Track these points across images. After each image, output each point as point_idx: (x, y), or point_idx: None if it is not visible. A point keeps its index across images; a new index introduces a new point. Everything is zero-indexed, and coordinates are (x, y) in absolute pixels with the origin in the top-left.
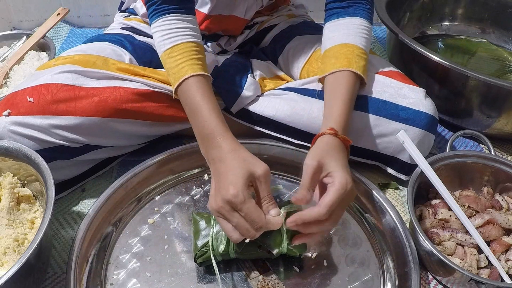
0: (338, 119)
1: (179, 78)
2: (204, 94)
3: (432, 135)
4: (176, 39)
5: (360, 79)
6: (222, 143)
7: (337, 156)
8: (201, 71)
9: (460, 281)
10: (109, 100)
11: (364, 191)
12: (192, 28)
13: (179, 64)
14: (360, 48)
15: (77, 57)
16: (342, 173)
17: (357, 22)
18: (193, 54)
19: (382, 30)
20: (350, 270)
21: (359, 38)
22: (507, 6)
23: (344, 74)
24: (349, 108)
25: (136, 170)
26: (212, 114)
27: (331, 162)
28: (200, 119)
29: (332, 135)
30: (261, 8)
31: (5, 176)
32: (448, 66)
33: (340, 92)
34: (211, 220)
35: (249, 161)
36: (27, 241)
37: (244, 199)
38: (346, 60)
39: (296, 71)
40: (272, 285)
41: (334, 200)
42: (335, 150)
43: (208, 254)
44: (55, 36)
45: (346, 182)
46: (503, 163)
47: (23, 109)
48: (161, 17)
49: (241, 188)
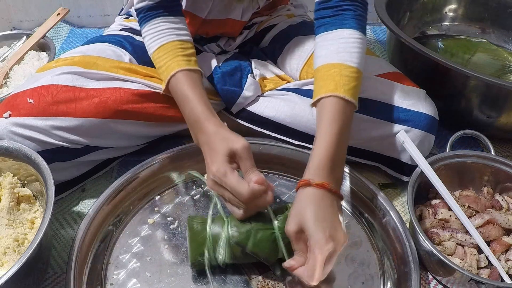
0: (316, 163)
1: (168, 75)
2: (190, 85)
3: (432, 136)
4: (162, 40)
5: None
6: (207, 126)
7: (312, 210)
8: (187, 66)
9: (460, 281)
10: (109, 101)
11: (364, 191)
12: (178, 27)
13: (166, 62)
14: (350, 67)
15: (77, 59)
16: (316, 233)
17: (346, 34)
18: (179, 51)
19: (382, 30)
20: (350, 270)
21: (348, 54)
22: (507, 6)
23: (330, 101)
24: (334, 143)
25: (136, 170)
26: (198, 101)
27: (306, 223)
28: (188, 107)
29: (305, 186)
30: (257, 9)
31: (5, 176)
32: (448, 66)
33: (326, 125)
34: (206, 226)
35: (229, 138)
36: (27, 241)
37: (225, 172)
38: (333, 83)
39: (295, 71)
40: (272, 285)
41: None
42: (311, 202)
43: (203, 263)
44: (55, 36)
45: (319, 244)
46: (503, 163)
47: (23, 110)
48: (149, 22)
49: (221, 163)
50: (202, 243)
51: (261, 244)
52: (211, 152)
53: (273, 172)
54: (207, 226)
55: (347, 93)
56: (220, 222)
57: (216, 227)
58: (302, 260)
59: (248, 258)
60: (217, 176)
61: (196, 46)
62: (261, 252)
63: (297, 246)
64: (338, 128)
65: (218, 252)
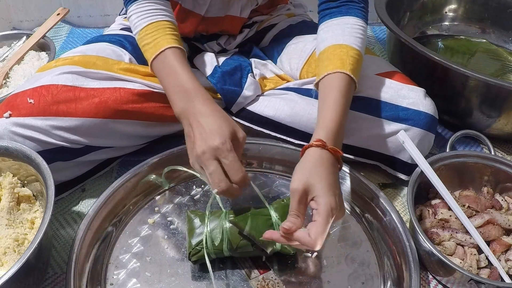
0: (328, 127)
1: (156, 51)
2: (180, 61)
3: (432, 135)
4: (151, 18)
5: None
6: (206, 101)
7: (322, 174)
8: (177, 44)
9: (460, 281)
10: (109, 101)
11: (364, 191)
12: (165, 10)
13: (155, 39)
14: (355, 49)
15: (77, 58)
16: (327, 197)
17: (351, 21)
18: (168, 30)
19: (382, 30)
20: (350, 270)
21: (353, 38)
22: (507, 6)
23: (337, 76)
24: (342, 113)
25: (136, 170)
26: (190, 76)
27: (316, 185)
28: (179, 78)
29: (320, 147)
30: (256, 6)
31: (5, 176)
32: (448, 66)
33: (333, 96)
34: (205, 218)
35: (233, 122)
36: (27, 241)
37: (230, 148)
38: (340, 61)
39: (295, 71)
40: (272, 285)
41: (322, 230)
42: (322, 166)
43: (202, 253)
44: (55, 36)
45: (331, 208)
46: (503, 163)
47: (23, 110)
48: (135, 2)
49: (228, 138)
50: (200, 233)
51: (257, 227)
52: (213, 124)
53: (273, 172)
54: (205, 217)
55: (353, 72)
56: (216, 214)
57: (213, 218)
58: (298, 222)
59: (244, 248)
60: (220, 148)
61: (196, 44)
62: (258, 234)
63: (297, 207)
64: (345, 102)
65: (216, 237)
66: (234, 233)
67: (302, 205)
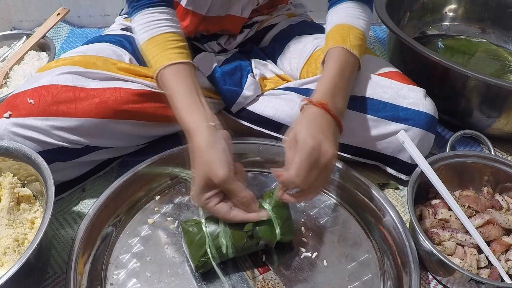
0: (319, 88)
1: (156, 70)
2: (178, 81)
3: (432, 135)
4: (152, 32)
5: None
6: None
7: (306, 122)
8: (178, 59)
9: (460, 281)
10: (109, 101)
11: (364, 191)
12: (169, 19)
13: (154, 56)
14: (357, 29)
15: (77, 58)
16: (304, 134)
17: (355, 5)
18: (169, 44)
19: (382, 30)
20: (350, 270)
21: (356, 19)
22: (507, 6)
23: (337, 50)
24: (337, 77)
25: (136, 170)
26: (183, 104)
27: (299, 130)
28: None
29: (309, 105)
30: (257, 5)
31: (5, 176)
32: (448, 66)
33: (330, 65)
34: (202, 226)
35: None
36: (27, 241)
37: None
38: (341, 38)
39: (296, 71)
40: (272, 285)
41: (298, 161)
42: (307, 117)
43: (208, 262)
44: (55, 36)
45: (305, 141)
46: (503, 163)
47: (23, 110)
48: (139, 12)
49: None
50: (202, 243)
51: (258, 223)
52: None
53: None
54: (202, 225)
55: (354, 48)
56: (212, 219)
57: (211, 224)
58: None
59: (249, 247)
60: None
61: (196, 44)
62: (260, 232)
63: (289, 154)
64: (341, 70)
65: (221, 244)
66: (237, 236)
67: (292, 153)
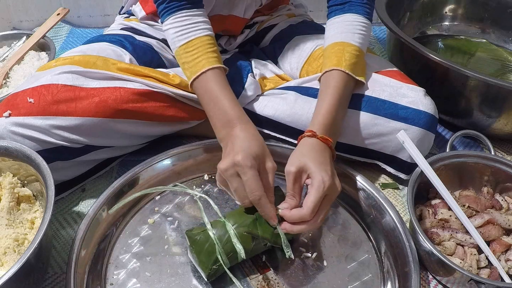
0: (320, 120)
1: (197, 72)
2: (221, 85)
3: (432, 134)
4: (190, 35)
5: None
6: (246, 126)
7: (314, 156)
8: (217, 64)
9: (460, 281)
10: (109, 101)
11: (364, 190)
12: (203, 21)
13: (195, 58)
14: (352, 45)
15: (77, 58)
16: (319, 171)
17: (351, 18)
18: (208, 47)
19: (382, 30)
20: (350, 270)
21: (351, 34)
22: (507, 6)
23: (333, 74)
24: (335, 106)
25: (136, 170)
26: (233, 100)
27: (308, 163)
28: (222, 107)
29: (310, 137)
30: (260, 6)
31: (5, 176)
32: (448, 66)
33: (327, 92)
34: (209, 233)
35: (266, 149)
36: (27, 241)
37: (251, 164)
38: (336, 59)
39: (295, 71)
40: (272, 285)
41: (315, 200)
42: (313, 150)
43: (219, 270)
44: (55, 36)
45: (323, 180)
46: (503, 163)
47: (23, 110)
48: (172, 15)
49: (252, 157)
50: (211, 251)
51: (267, 229)
52: (243, 141)
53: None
54: (210, 232)
55: (348, 68)
56: (218, 225)
57: (218, 231)
58: (293, 202)
59: (257, 249)
60: (241, 164)
61: None
62: (270, 236)
63: (293, 187)
64: (339, 97)
65: (237, 247)
66: (245, 241)
67: (297, 185)
